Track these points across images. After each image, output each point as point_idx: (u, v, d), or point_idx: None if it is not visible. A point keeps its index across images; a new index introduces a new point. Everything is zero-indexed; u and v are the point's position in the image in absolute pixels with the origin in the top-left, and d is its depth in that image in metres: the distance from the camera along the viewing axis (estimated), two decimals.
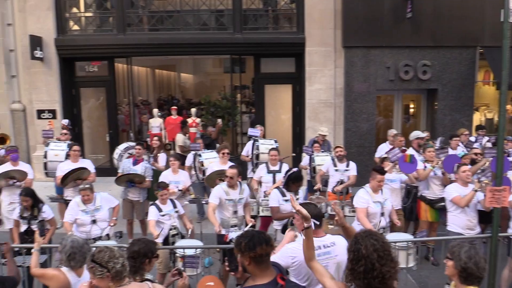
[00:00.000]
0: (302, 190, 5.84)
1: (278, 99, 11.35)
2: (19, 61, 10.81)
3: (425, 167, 6.41)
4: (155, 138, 8.16)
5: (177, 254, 5.05)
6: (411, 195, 6.77)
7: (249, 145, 8.28)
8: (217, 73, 16.51)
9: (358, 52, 10.10)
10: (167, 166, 7.30)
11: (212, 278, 2.82)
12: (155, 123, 11.15)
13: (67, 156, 7.43)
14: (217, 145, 8.46)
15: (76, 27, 10.95)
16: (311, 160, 7.78)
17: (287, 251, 3.37)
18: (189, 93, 18.38)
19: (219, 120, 9.50)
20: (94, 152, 11.32)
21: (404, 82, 10.14)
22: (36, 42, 10.23)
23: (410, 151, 7.01)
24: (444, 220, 5.88)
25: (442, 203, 6.09)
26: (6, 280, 3.47)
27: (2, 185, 6.68)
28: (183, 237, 5.69)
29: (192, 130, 11.03)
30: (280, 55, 10.78)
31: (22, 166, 6.83)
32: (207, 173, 7.10)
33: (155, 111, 11.41)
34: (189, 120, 11.13)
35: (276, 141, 8.02)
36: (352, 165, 7.25)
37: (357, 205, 5.34)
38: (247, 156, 8.21)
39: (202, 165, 7.52)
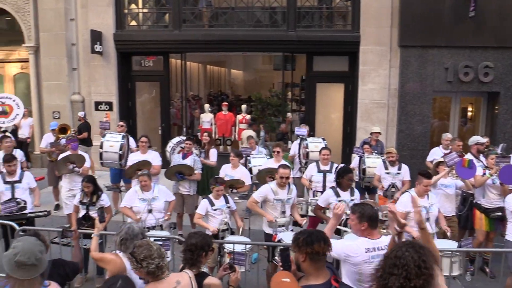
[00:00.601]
0: (356, 192, 5.73)
1: (329, 98, 11.20)
2: (80, 55, 11.32)
3: (484, 174, 6.11)
4: (205, 133, 8.27)
5: (225, 250, 5.09)
6: (467, 203, 6.47)
7: (295, 144, 8.24)
8: (267, 70, 16.54)
9: (414, 52, 9.76)
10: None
11: (287, 274, 2.81)
12: (206, 118, 11.31)
13: (121, 147, 7.73)
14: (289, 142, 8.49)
15: (133, 23, 11.30)
16: (361, 161, 7.63)
17: (344, 248, 3.32)
18: (238, 90, 18.51)
19: (289, 114, 9.38)
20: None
21: (463, 84, 9.69)
22: (96, 36, 10.66)
23: (468, 156, 6.70)
24: (501, 231, 5.59)
25: (499, 213, 5.80)
26: (67, 264, 3.62)
27: (63, 172, 7.00)
28: (233, 233, 5.73)
29: (242, 126, 11.14)
30: (334, 54, 10.62)
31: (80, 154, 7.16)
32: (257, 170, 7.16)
33: (207, 106, 11.58)
34: (239, 117, 11.24)
35: (324, 139, 7.93)
36: (405, 168, 7.01)
37: (398, 210, 5.19)
38: (293, 156, 8.21)
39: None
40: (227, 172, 6.93)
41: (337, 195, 5.43)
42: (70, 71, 11.28)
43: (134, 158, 7.20)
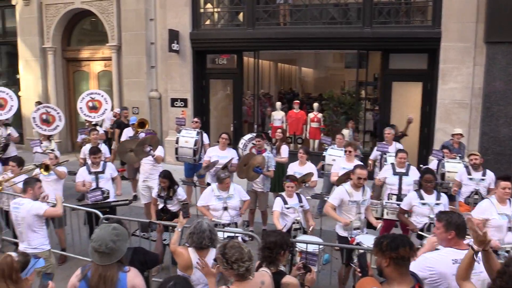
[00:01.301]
0: (443, 196, 5.46)
1: (406, 97, 10.73)
2: (158, 53, 11.81)
3: None
4: (279, 130, 8.29)
5: (297, 249, 5.05)
6: None
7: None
8: (337, 68, 16.24)
9: (502, 48, 9.05)
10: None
11: (373, 282, 2.73)
12: (278, 116, 11.33)
13: (196, 143, 7.97)
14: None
15: (209, 22, 11.57)
16: (440, 165, 7.22)
17: (426, 261, 3.14)
18: (308, 87, 18.36)
19: (410, 116, 9.05)
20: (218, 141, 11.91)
21: None
22: (173, 35, 11.06)
23: None
24: None
25: None
26: (147, 254, 3.77)
27: (141, 156, 7.24)
28: (305, 232, 5.68)
29: (313, 125, 11.03)
30: (412, 51, 10.13)
31: (158, 150, 7.45)
32: (332, 169, 7.06)
33: (278, 104, 11.59)
34: (311, 115, 11.13)
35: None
36: (490, 175, 6.51)
37: (474, 216, 4.84)
38: (374, 160, 8.02)
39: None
40: (295, 169, 6.93)
41: (421, 197, 5.22)
42: (149, 69, 11.81)
43: (212, 153, 7.41)
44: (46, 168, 6.38)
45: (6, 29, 14.22)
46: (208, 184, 7.30)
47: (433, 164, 7.65)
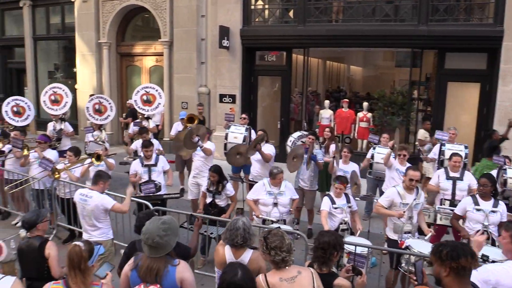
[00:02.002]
0: (501, 204, 5.19)
1: (462, 98, 10.26)
2: (208, 49, 11.96)
3: None
4: (327, 129, 8.17)
5: (344, 250, 4.95)
6: None
7: (436, 148, 7.74)
8: (388, 66, 15.79)
9: None
10: None
11: None
12: (326, 115, 11.19)
13: (245, 139, 8.01)
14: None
15: (259, 19, 11.58)
16: (501, 171, 6.85)
17: (489, 273, 2.99)
18: (356, 86, 18.03)
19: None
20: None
21: None
22: (224, 32, 11.15)
23: None
24: None
25: None
26: (179, 246, 3.78)
27: (190, 147, 7.32)
28: (352, 233, 5.58)
29: (362, 124, 10.81)
30: (470, 50, 9.69)
31: (207, 144, 7.53)
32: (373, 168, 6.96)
33: (327, 102, 11.45)
34: (360, 115, 10.92)
35: (466, 147, 7.30)
36: None
37: None
38: (432, 160, 7.76)
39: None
40: (339, 166, 6.82)
41: (476, 203, 4.99)
42: (199, 65, 11.99)
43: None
44: (98, 157, 6.60)
45: (65, 24, 14.89)
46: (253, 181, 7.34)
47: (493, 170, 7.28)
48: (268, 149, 7.50)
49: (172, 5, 12.11)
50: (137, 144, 8.31)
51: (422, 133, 8.94)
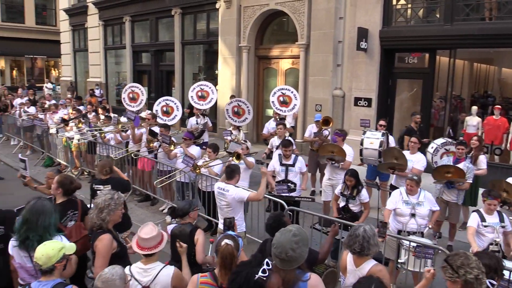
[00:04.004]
0: None
1: None
2: (345, 52, 11.78)
3: None
4: (475, 138, 7.43)
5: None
6: None
7: None
8: None
9: None
10: None
11: None
12: (472, 122, 10.17)
13: (381, 144, 7.71)
14: None
15: (401, 19, 11.03)
16: None
17: None
18: (508, 91, 16.06)
19: None
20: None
21: None
22: (362, 34, 10.88)
23: None
24: None
25: None
26: (311, 253, 3.65)
27: (323, 161, 7.42)
28: (504, 256, 4.98)
29: None
30: None
31: (345, 148, 7.42)
32: None
33: (474, 108, 10.38)
34: None
35: None
36: None
37: None
38: None
39: None
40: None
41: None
42: (335, 67, 11.89)
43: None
44: (238, 156, 6.91)
45: (209, 30, 16.06)
46: (392, 187, 7.02)
47: None
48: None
49: (311, 8, 12.20)
50: (272, 142, 8.60)
51: None
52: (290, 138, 8.02)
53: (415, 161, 6.95)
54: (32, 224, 3.52)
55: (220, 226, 5.57)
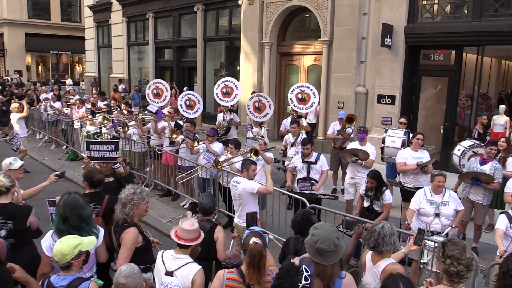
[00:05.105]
0: None
1: None
2: (368, 48, 11.60)
3: None
4: (502, 139, 7.25)
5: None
6: None
7: None
8: None
9: None
10: None
11: None
12: (500, 121, 9.86)
13: (403, 143, 7.58)
14: None
15: (427, 15, 10.79)
16: None
17: None
18: None
19: None
20: (424, 143, 11.10)
21: None
22: (387, 30, 10.68)
23: None
24: None
25: None
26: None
27: (347, 160, 7.37)
28: None
29: None
30: None
31: (368, 147, 7.33)
32: None
33: (502, 107, 10.07)
34: None
35: None
36: None
37: None
38: None
39: None
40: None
41: None
42: (358, 64, 11.72)
43: (404, 155, 7.01)
44: (256, 152, 6.95)
45: (232, 26, 16.05)
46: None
47: None
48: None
49: (334, 4, 12.05)
50: (287, 139, 8.60)
51: None
52: (305, 136, 7.99)
53: (422, 157, 6.89)
54: (71, 220, 3.59)
55: (235, 220, 5.77)
